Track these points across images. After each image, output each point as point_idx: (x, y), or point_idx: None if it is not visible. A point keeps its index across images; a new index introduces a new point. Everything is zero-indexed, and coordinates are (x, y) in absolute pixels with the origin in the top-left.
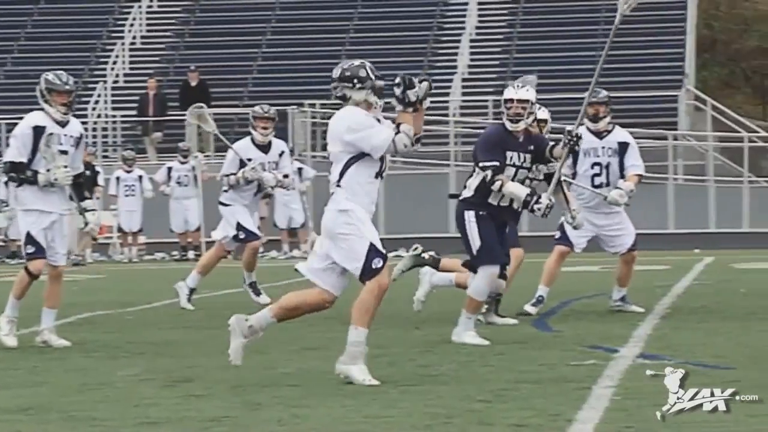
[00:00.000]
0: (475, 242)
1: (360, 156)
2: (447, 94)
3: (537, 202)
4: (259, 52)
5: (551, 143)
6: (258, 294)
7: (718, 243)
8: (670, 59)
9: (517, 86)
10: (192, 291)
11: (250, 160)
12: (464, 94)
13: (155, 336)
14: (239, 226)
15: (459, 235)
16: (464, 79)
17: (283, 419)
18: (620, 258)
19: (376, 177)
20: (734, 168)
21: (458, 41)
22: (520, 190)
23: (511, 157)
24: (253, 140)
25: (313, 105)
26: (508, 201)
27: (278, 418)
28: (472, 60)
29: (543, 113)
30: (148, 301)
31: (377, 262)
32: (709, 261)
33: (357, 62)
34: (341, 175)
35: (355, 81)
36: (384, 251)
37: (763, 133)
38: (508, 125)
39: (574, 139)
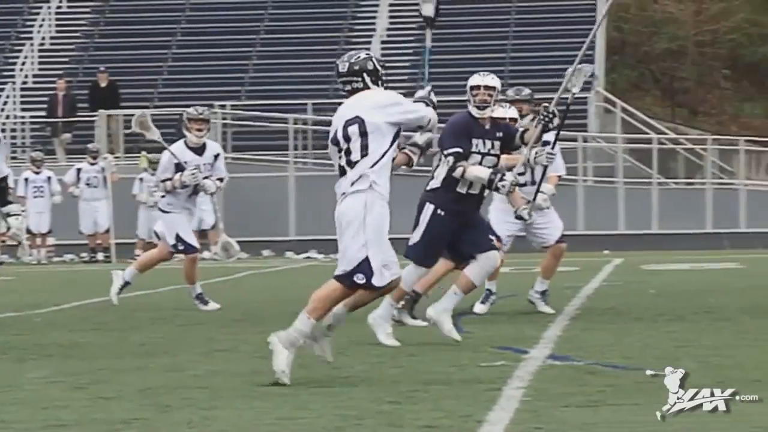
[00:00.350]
0: (417, 236)
1: (398, 134)
2: None
3: (501, 179)
4: (169, 53)
5: (522, 129)
6: (206, 303)
7: (627, 244)
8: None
9: (483, 74)
10: (126, 284)
11: (186, 163)
12: None
13: (64, 338)
14: (178, 238)
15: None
16: None
17: (192, 421)
18: (549, 251)
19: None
20: (643, 170)
21: (369, 43)
22: (482, 172)
23: (477, 144)
24: (186, 143)
25: (223, 106)
26: (478, 189)
27: (188, 420)
28: (383, 61)
29: (514, 112)
30: (57, 303)
31: (359, 278)
32: (619, 262)
33: (363, 54)
34: (384, 154)
35: (365, 74)
36: (376, 271)
37: (672, 134)
38: (475, 112)
39: (549, 116)
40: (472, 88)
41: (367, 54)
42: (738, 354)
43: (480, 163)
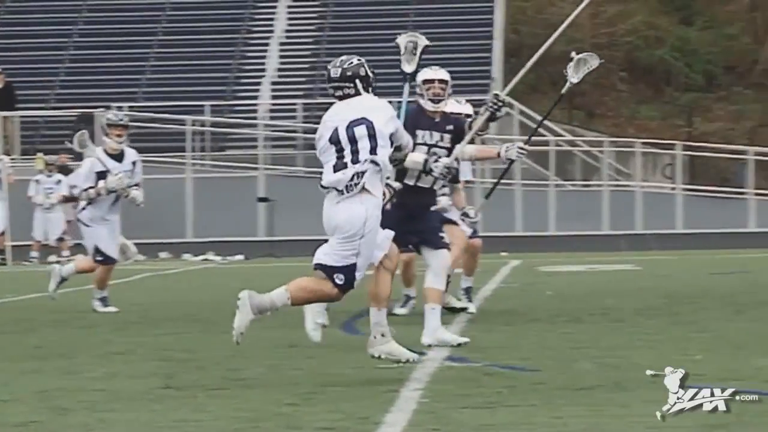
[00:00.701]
0: None
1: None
2: (256, 98)
3: (435, 162)
4: (66, 54)
5: (470, 119)
6: (106, 306)
7: (524, 246)
8: (477, 64)
9: (435, 68)
10: (63, 281)
11: (109, 171)
12: (273, 97)
13: None
14: (97, 250)
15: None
16: (273, 83)
17: (89, 424)
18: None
19: None
20: (540, 171)
21: (267, 44)
22: (418, 156)
23: (423, 136)
24: (105, 149)
25: (120, 108)
26: (429, 182)
27: (85, 423)
28: (281, 63)
29: (468, 108)
30: None
31: (339, 279)
32: (516, 264)
33: (355, 60)
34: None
35: (357, 80)
36: (357, 276)
37: (569, 136)
38: (430, 105)
39: (499, 103)
40: (425, 81)
41: (359, 60)
42: (634, 355)
43: (427, 154)
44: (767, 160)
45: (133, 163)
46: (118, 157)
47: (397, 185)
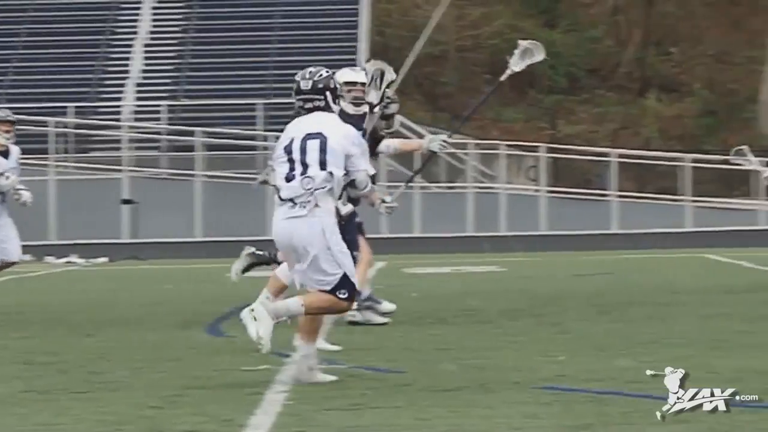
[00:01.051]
0: None
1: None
2: (120, 99)
3: None
4: None
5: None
6: None
7: (389, 248)
8: (342, 65)
9: (356, 69)
10: None
11: None
12: (137, 98)
13: None
14: None
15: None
16: (138, 84)
17: None
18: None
19: None
20: (406, 173)
21: (131, 46)
22: None
23: None
24: None
25: None
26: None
27: None
28: (145, 65)
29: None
30: None
31: (342, 293)
32: (381, 266)
33: (324, 72)
34: (337, 176)
35: (328, 92)
36: (354, 281)
37: None
38: (351, 109)
39: (387, 99)
40: (347, 83)
41: (327, 72)
42: (498, 356)
43: None
44: (629, 162)
45: (17, 161)
46: (5, 153)
47: (346, 210)
